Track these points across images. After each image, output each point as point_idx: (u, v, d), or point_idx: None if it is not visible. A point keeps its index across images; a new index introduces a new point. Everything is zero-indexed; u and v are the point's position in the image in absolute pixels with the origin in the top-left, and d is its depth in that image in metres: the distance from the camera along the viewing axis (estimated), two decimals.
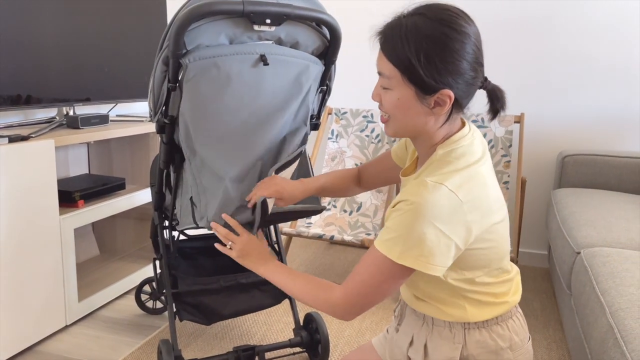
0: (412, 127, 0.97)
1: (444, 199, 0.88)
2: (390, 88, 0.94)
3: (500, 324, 1.01)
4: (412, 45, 0.89)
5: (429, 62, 0.89)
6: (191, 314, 1.64)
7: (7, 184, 1.70)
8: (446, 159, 0.93)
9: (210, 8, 1.16)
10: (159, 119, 1.40)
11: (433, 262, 0.89)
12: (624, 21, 2.49)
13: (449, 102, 0.92)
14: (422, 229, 0.87)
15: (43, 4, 1.99)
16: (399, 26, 0.91)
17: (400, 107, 0.95)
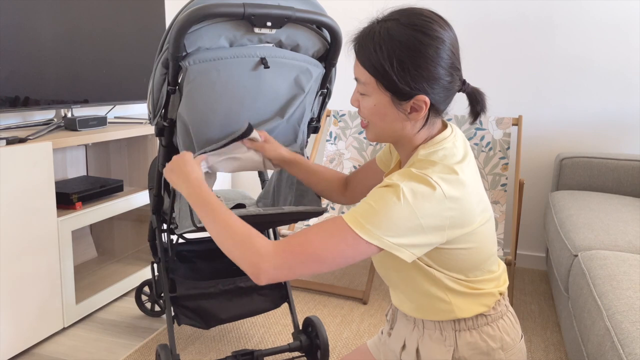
0: (390, 132, 0.97)
1: (427, 188, 0.87)
2: (366, 94, 0.95)
3: (490, 325, 1.00)
4: (385, 51, 0.89)
5: (402, 69, 0.89)
6: (190, 318, 1.64)
7: (4, 186, 1.70)
8: (429, 159, 0.92)
9: (211, 10, 1.16)
10: (158, 121, 1.39)
11: (400, 242, 0.85)
12: (622, 24, 2.50)
13: (425, 108, 0.92)
14: (397, 207, 0.85)
15: (41, 5, 1.98)
16: (372, 32, 0.92)
17: (377, 113, 0.95)
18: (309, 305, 2.26)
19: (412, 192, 0.86)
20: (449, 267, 0.95)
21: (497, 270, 1.04)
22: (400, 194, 0.85)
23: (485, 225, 0.96)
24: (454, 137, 0.97)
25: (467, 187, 0.91)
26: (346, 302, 2.30)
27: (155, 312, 2.14)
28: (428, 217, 0.86)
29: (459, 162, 0.93)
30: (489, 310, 1.00)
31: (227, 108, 1.28)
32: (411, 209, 0.85)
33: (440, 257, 0.94)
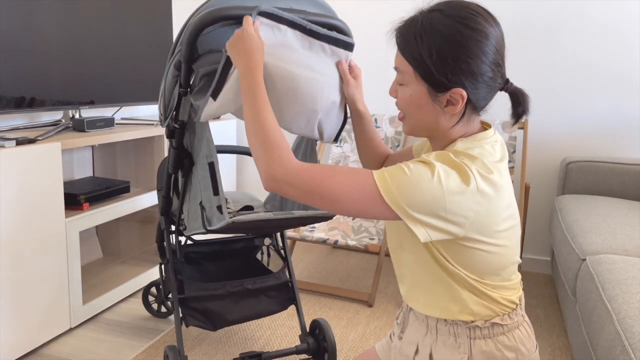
0: (425, 124, 0.96)
1: (463, 176, 0.85)
2: (404, 84, 0.94)
3: (506, 334, 0.98)
4: (425, 41, 0.88)
5: (441, 60, 0.88)
6: (197, 319, 1.64)
7: (14, 186, 1.70)
8: (467, 153, 0.90)
9: (224, 14, 1.16)
10: (169, 123, 1.40)
11: (418, 217, 0.84)
12: (627, 28, 2.50)
13: (461, 102, 0.90)
14: (428, 185, 0.83)
15: (48, 7, 1.99)
16: (415, 22, 0.91)
17: (412, 104, 0.94)
18: (314, 307, 2.26)
19: (447, 175, 0.84)
20: (466, 265, 0.94)
21: (514, 279, 1.01)
22: (435, 172, 0.84)
23: (510, 232, 0.94)
24: (494, 140, 0.96)
25: (500, 189, 0.90)
26: (352, 305, 2.30)
27: (161, 313, 2.14)
28: (454, 205, 0.85)
29: (497, 162, 0.91)
30: (505, 319, 0.98)
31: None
32: (441, 192, 0.84)
33: (459, 254, 0.92)
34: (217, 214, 1.34)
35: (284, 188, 0.89)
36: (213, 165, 1.35)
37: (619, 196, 2.43)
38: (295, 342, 1.96)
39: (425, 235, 0.86)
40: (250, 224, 1.36)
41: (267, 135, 0.93)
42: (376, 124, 2.78)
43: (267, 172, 0.90)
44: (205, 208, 1.38)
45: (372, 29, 2.90)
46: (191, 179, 1.48)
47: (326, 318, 2.16)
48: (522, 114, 0.98)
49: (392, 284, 2.53)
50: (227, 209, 1.35)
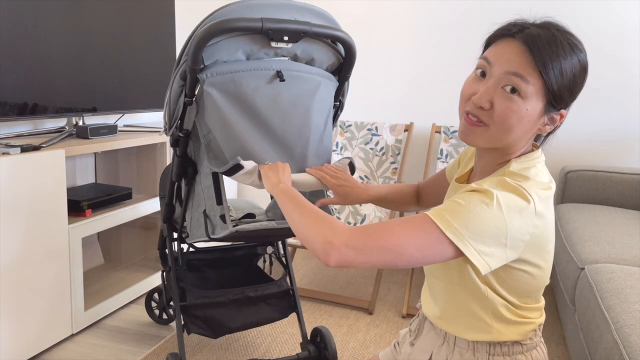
0: (510, 138, 0.91)
1: (522, 200, 0.84)
2: (521, 95, 0.87)
3: (524, 354, 0.99)
4: (569, 62, 0.87)
5: (575, 82, 0.89)
6: (199, 327, 1.65)
7: (18, 193, 1.71)
8: (522, 174, 0.90)
9: (230, 25, 1.19)
10: (173, 132, 1.42)
11: (481, 249, 0.82)
12: (627, 38, 2.53)
13: (558, 121, 0.92)
14: (488, 213, 0.82)
15: (51, 13, 2.01)
16: (555, 38, 0.88)
17: (522, 118, 0.88)
18: (314, 314, 2.27)
19: (507, 202, 0.83)
20: (508, 287, 0.94)
21: (542, 301, 1.03)
22: (493, 200, 0.83)
23: (551, 254, 0.95)
24: (543, 159, 0.96)
25: (551, 209, 0.90)
26: (352, 312, 2.31)
27: (163, 319, 2.15)
28: (515, 230, 0.84)
29: (549, 183, 0.92)
30: (526, 340, 0.99)
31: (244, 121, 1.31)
32: (502, 217, 0.82)
33: (504, 276, 0.92)
34: (220, 223, 1.36)
35: (346, 253, 0.83)
36: (217, 174, 1.36)
37: (618, 205, 2.45)
38: (296, 349, 1.97)
39: (485, 266, 0.84)
40: (253, 233, 1.38)
41: (315, 213, 0.92)
42: (376, 131, 2.80)
43: (324, 242, 0.85)
44: (210, 216, 1.39)
45: (372, 36, 2.93)
46: (194, 187, 1.50)
47: (326, 325, 2.17)
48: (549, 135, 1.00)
49: (392, 292, 2.55)
50: (230, 218, 1.37)
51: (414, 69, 2.89)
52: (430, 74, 2.86)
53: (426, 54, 2.86)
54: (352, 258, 0.83)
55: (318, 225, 0.89)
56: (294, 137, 1.36)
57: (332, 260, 0.84)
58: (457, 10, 2.75)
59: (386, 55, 2.93)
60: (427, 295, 1.10)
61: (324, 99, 1.40)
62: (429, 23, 2.83)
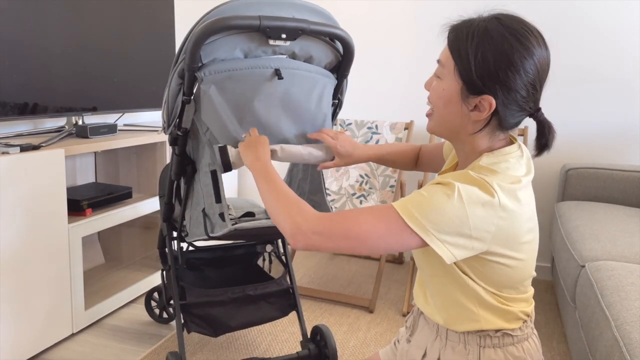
0: (449, 124, 0.97)
1: (484, 193, 0.86)
2: (441, 77, 0.96)
3: (516, 345, 0.99)
4: (474, 41, 0.90)
5: (484, 63, 0.89)
6: (199, 325, 1.65)
7: (17, 192, 1.72)
8: (490, 168, 0.92)
9: (228, 23, 1.18)
10: (172, 131, 1.42)
11: (444, 239, 0.85)
12: (627, 36, 2.52)
13: (488, 110, 0.91)
14: (450, 205, 0.85)
15: (51, 14, 2.01)
16: (471, 23, 0.93)
17: (443, 98, 0.95)
18: (315, 313, 2.27)
19: (468, 194, 0.86)
20: (485, 279, 0.95)
21: (529, 292, 1.03)
22: (455, 192, 0.85)
23: (530, 245, 0.95)
24: (519, 155, 0.96)
25: (522, 202, 0.90)
26: (352, 311, 2.30)
27: (163, 318, 2.15)
28: (478, 222, 0.86)
29: (521, 176, 0.92)
30: (516, 330, 0.99)
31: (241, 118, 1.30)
32: (464, 210, 0.85)
33: (479, 267, 0.93)
34: (219, 221, 1.36)
35: (312, 239, 0.90)
36: (216, 173, 1.36)
37: (619, 203, 2.44)
38: (296, 348, 1.97)
39: (450, 256, 0.87)
40: (252, 231, 1.38)
41: (286, 197, 0.98)
42: (376, 130, 2.79)
43: (292, 226, 0.92)
44: (209, 215, 1.39)
45: (372, 34, 2.93)
46: (193, 185, 1.49)
47: (327, 324, 2.17)
48: (544, 147, 0.98)
49: (392, 290, 2.54)
50: (229, 216, 1.37)
51: (414, 67, 2.89)
52: (431, 72, 2.85)
53: (426, 51, 2.85)
54: (318, 243, 0.90)
55: (289, 209, 0.95)
56: (292, 135, 1.35)
57: (300, 244, 0.91)
58: (457, 9, 2.75)
59: (386, 53, 2.92)
60: (418, 288, 1.11)
61: (322, 97, 1.40)
62: (429, 21, 2.82)
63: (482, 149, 0.97)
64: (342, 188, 2.74)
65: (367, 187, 2.70)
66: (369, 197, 2.67)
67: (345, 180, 2.76)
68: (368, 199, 2.66)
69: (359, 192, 2.70)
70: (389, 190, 2.65)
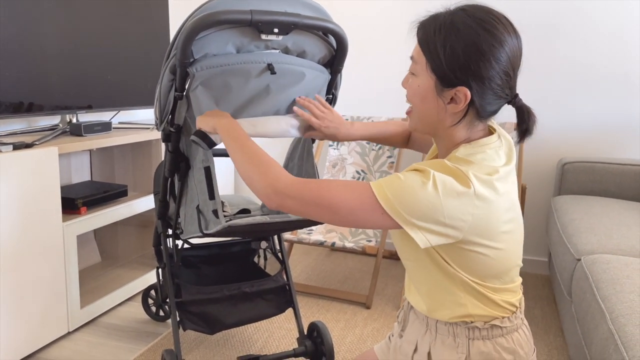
0: (427, 119, 0.97)
1: (459, 183, 0.86)
2: (415, 74, 0.96)
3: (505, 337, 0.99)
4: (442, 35, 0.90)
5: (453, 55, 0.89)
6: (195, 323, 1.65)
7: (11, 191, 1.71)
8: (466, 159, 0.92)
9: (219, 17, 1.17)
10: (165, 127, 1.41)
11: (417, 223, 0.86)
12: (625, 28, 2.52)
13: (464, 101, 0.91)
14: (424, 192, 0.85)
15: (45, 11, 2.00)
16: (438, 17, 0.93)
17: (418, 94, 0.96)
18: (312, 309, 2.27)
19: (443, 183, 0.86)
20: (467, 268, 0.94)
21: (516, 282, 1.02)
22: (430, 180, 0.86)
23: (510, 235, 0.94)
24: (498, 146, 0.96)
25: (500, 192, 0.90)
26: (349, 307, 2.30)
27: (160, 316, 2.15)
28: (452, 209, 0.86)
29: (500, 167, 0.92)
30: (505, 321, 0.99)
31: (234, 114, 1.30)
32: (438, 199, 0.85)
33: (459, 257, 0.93)
34: (213, 218, 1.35)
35: (285, 201, 0.91)
36: (209, 169, 1.36)
37: (615, 196, 2.44)
38: (293, 344, 1.97)
39: (424, 240, 0.87)
40: (246, 228, 1.37)
41: (259, 159, 0.98)
42: None
43: (266, 187, 0.93)
44: (203, 212, 1.39)
45: (367, 31, 2.92)
46: (188, 182, 1.49)
47: (324, 320, 2.17)
48: (525, 132, 0.98)
49: (389, 286, 2.54)
50: (223, 213, 1.36)
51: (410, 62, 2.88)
52: None
53: None
54: (290, 205, 0.91)
55: (263, 169, 0.96)
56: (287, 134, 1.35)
57: (273, 205, 0.93)
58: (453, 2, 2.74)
59: (382, 48, 2.91)
60: (407, 280, 1.11)
61: (316, 92, 1.39)
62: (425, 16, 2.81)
63: (460, 141, 0.97)
64: None
65: None
66: None
67: (342, 176, 2.75)
68: None
69: None
70: None
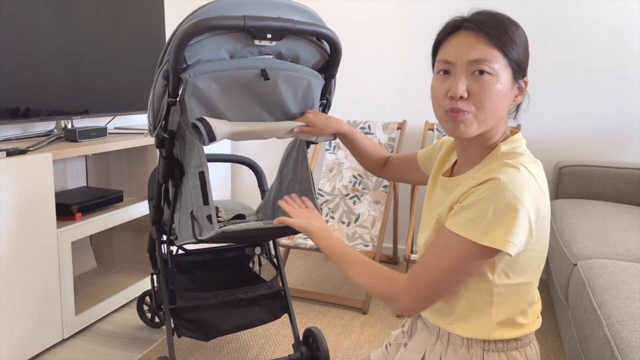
0: (499, 117, 0.95)
1: (527, 178, 0.88)
2: (491, 73, 0.91)
3: (519, 350, 0.99)
4: (518, 31, 0.94)
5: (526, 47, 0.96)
6: (190, 329, 1.64)
7: (5, 197, 1.70)
8: (515, 151, 0.94)
9: (212, 23, 1.17)
10: (158, 133, 1.40)
11: (515, 240, 0.87)
12: (621, 32, 2.52)
13: (525, 89, 0.98)
14: (509, 205, 0.86)
15: (41, 17, 2.00)
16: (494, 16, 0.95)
17: (500, 93, 0.93)
18: (308, 315, 2.26)
19: (514, 184, 0.87)
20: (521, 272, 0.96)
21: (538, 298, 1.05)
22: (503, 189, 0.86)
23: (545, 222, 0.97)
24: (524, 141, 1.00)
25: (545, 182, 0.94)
26: (346, 312, 2.29)
27: (155, 323, 2.13)
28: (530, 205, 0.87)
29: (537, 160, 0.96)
30: (521, 336, 1.00)
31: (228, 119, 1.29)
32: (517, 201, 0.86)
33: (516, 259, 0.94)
34: (207, 224, 1.34)
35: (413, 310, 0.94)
36: (203, 174, 1.35)
37: (612, 200, 2.43)
38: (288, 350, 1.96)
39: (515, 248, 0.88)
40: (240, 234, 1.36)
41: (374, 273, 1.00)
42: (369, 130, 2.78)
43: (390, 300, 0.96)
44: (197, 217, 1.38)
45: (364, 35, 2.92)
46: (181, 188, 1.48)
47: (320, 325, 2.16)
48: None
49: None
50: (217, 219, 1.35)
51: (406, 67, 2.88)
52: (422, 71, 2.85)
53: (418, 51, 2.84)
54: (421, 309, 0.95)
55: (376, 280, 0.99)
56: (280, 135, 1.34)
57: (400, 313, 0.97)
58: (447, 8, 2.74)
59: (378, 53, 2.91)
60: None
61: (309, 97, 1.39)
62: (420, 21, 2.81)
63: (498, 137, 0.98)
64: (335, 189, 2.73)
65: (361, 188, 2.69)
66: (363, 198, 2.66)
67: (339, 181, 2.75)
68: (362, 200, 2.65)
69: (352, 193, 2.69)
70: (382, 190, 2.64)
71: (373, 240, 2.51)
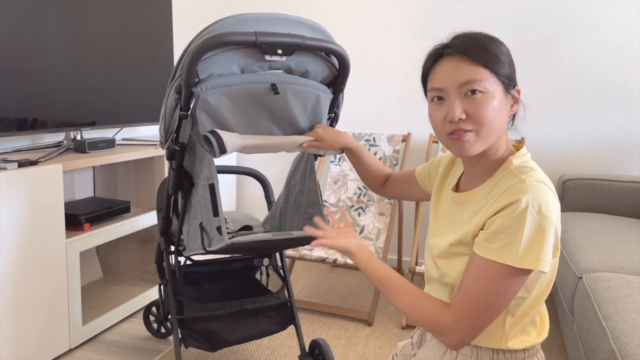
0: (499, 131, 0.97)
1: (549, 195, 0.91)
2: (483, 91, 0.94)
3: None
4: (497, 45, 0.97)
5: (509, 57, 0.98)
6: (196, 340, 1.65)
7: (15, 208, 1.72)
8: (527, 165, 0.97)
9: (224, 39, 1.20)
10: (169, 145, 1.42)
11: (547, 258, 0.90)
12: (624, 45, 2.54)
13: (519, 97, 1.00)
14: (540, 225, 0.88)
15: (49, 29, 2.03)
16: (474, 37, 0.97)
17: (497, 107, 0.95)
18: (314, 326, 2.26)
19: (541, 204, 0.89)
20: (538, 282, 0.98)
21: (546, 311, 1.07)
22: (530, 210, 0.89)
23: None
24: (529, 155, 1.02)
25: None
26: (351, 324, 2.30)
27: (161, 333, 2.14)
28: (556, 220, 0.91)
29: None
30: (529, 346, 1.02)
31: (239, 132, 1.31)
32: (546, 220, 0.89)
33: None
34: (216, 235, 1.36)
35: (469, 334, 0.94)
36: (214, 186, 1.37)
37: (616, 213, 2.44)
38: None
39: (548, 265, 0.91)
40: (249, 245, 1.38)
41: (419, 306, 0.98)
42: (374, 142, 2.80)
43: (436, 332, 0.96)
44: (206, 229, 1.39)
45: (369, 48, 2.95)
46: (191, 200, 1.50)
47: (325, 337, 2.16)
48: None
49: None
50: (226, 230, 1.37)
51: (410, 79, 2.91)
52: None
53: None
54: (470, 340, 0.94)
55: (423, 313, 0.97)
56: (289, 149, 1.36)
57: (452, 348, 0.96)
58: (452, 20, 2.77)
59: (383, 66, 2.94)
60: None
61: (318, 111, 1.41)
62: (425, 33, 2.85)
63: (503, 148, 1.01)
64: (340, 200, 2.75)
65: (365, 200, 2.70)
66: (367, 210, 2.67)
67: (344, 192, 2.76)
68: (366, 211, 2.67)
69: (357, 205, 2.71)
70: (387, 202, 2.66)
71: (378, 252, 2.52)
